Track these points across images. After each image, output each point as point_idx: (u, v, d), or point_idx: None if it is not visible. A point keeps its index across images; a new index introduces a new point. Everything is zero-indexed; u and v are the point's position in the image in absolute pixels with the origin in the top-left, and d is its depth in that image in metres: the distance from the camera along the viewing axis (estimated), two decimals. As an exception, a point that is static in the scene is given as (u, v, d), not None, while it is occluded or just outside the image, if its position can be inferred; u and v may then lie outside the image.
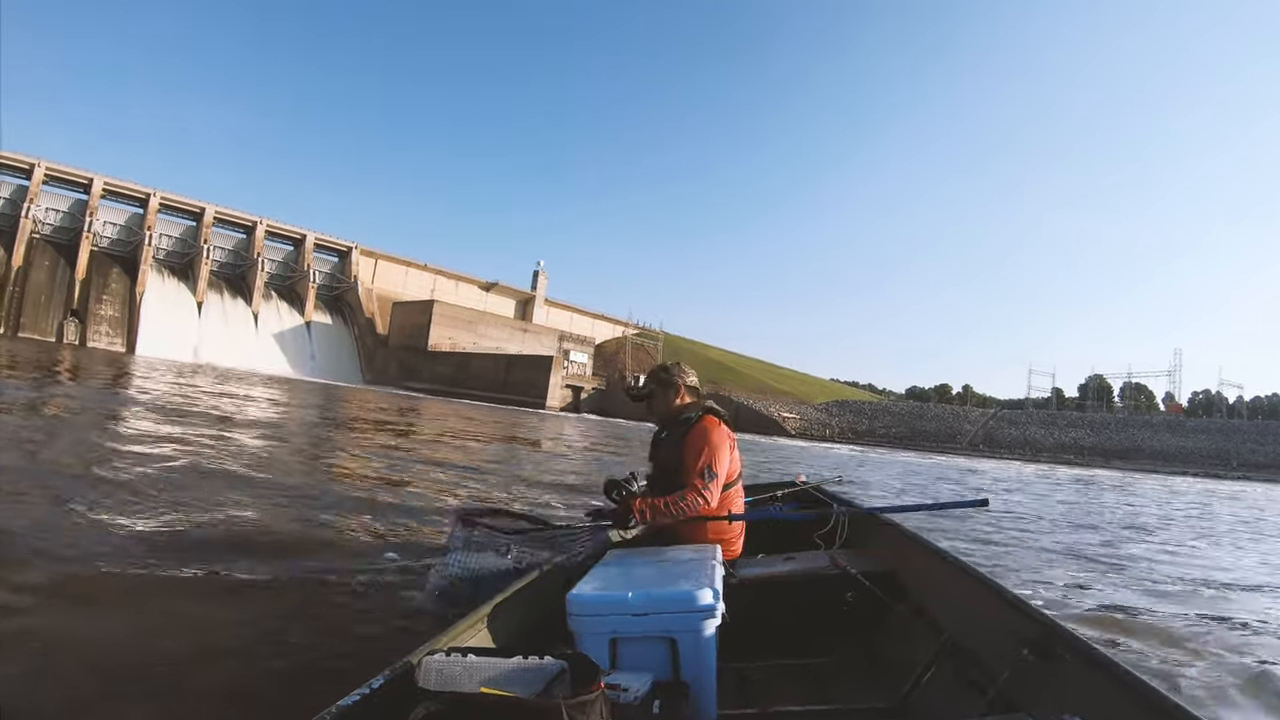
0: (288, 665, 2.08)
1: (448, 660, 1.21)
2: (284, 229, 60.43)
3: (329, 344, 59.05)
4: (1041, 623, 1.47)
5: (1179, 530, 8.79)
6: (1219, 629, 3.51)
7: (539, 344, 60.85)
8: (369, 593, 2.79)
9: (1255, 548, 7.62)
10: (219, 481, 4.83)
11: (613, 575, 1.76)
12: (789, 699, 1.86)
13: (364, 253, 63.60)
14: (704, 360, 77.08)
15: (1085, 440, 56.08)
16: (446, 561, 2.32)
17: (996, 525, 6.91)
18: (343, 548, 3.50)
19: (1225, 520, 11.26)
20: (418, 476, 6.68)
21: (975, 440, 56.82)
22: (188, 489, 4.42)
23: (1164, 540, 7.48)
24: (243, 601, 2.57)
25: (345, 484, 5.59)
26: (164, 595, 2.55)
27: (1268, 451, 51.48)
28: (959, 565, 1.98)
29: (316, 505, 4.49)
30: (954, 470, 21.66)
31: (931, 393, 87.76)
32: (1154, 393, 70.71)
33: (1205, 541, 7.86)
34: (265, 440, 7.88)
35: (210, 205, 56.40)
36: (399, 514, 4.53)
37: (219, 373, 32.58)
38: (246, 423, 9.65)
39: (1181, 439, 55.31)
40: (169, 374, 23.14)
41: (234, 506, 4.12)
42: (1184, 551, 6.73)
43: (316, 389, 30.83)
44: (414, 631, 2.26)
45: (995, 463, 35.26)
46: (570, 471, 8.95)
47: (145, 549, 3.03)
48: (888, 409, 65.67)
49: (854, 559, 2.35)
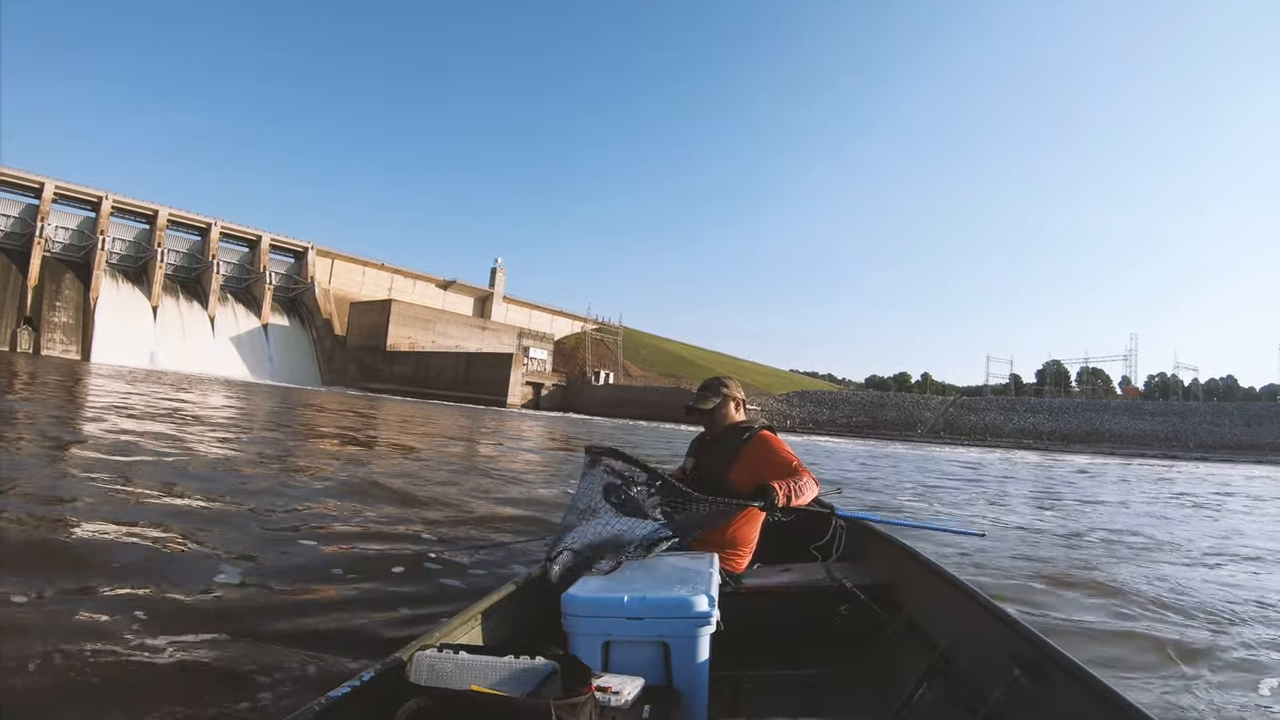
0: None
1: (439, 656, 1.25)
2: (239, 230, 61.31)
3: (287, 346, 60.33)
4: (1035, 643, 1.51)
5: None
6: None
7: (498, 341, 62.28)
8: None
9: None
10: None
11: (608, 577, 1.79)
12: (780, 710, 1.90)
13: (320, 253, 64.77)
14: (663, 353, 79.49)
15: (1045, 425, 58.40)
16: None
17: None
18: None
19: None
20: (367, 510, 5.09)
21: (936, 427, 58.91)
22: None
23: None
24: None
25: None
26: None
27: (1223, 432, 54.35)
28: (955, 582, 2.01)
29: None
30: (952, 463, 20.27)
31: (891, 381, 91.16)
32: (1110, 377, 73.30)
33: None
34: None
35: (164, 207, 57.09)
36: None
37: (174, 379, 32.43)
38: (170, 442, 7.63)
39: (1139, 422, 57.83)
40: (120, 382, 22.33)
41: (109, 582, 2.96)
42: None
43: (274, 393, 30.63)
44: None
45: (981, 451, 35.02)
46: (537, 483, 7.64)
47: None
48: (848, 399, 67.91)
49: (850, 572, 2.40)
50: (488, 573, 3.41)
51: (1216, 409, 61.56)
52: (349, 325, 61.54)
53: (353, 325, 61.16)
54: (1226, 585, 4.53)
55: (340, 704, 1.10)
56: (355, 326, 60.85)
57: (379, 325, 58.10)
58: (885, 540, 2.67)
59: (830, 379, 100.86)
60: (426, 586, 3.14)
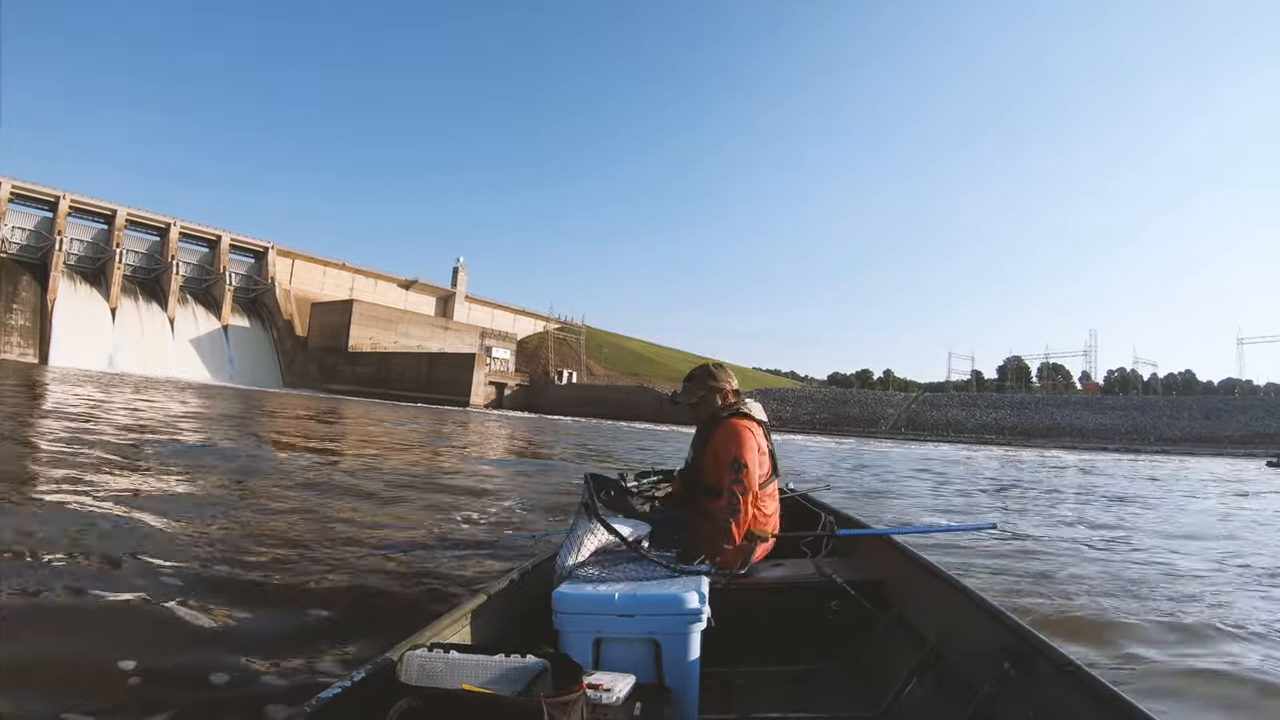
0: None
1: (430, 656, 1.26)
2: (198, 230, 61.41)
3: (247, 348, 60.79)
4: (1024, 636, 1.54)
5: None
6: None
7: (461, 341, 63.15)
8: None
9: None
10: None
11: (599, 575, 1.81)
12: (771, 706, 1.93)
13: (281, 253, 65.10)
14: (626, 352, 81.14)
15: (1007, 420, 59.88)
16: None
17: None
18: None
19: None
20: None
21: (898, 424, 60.25)
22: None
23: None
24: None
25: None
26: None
27: (1182, 425, 55.94)
28: (944, 577, 2.04)
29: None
30: (938, 460, 20.62)
31: (853, 378, 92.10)
32: (1071, 373, 75.35)
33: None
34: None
35: (122, 207, 57.17)
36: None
37: (133, 382, 32.39)
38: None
39: (1100, 416, 59.41)
40: (74, 387, 21.87)
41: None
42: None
43: (235, 396, 30.26)
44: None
45: (950, 447, 35.25)
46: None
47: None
48: (811, 396, 69.33)
49: (840, 567, 2.42)
50: (474, 573, 3.40)
51: (1176, 403, 63.17)
52: (310, 326, 62.02)
53: (314, 326, 61.68)
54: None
55: (331, 704, 1.12)
56: (316, 327, 61.35)
57: (340, 326, 58.66)
58: (875, 536, 2.70)
59: (793, 376, 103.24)
60: (413, 588, 3.14)
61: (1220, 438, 51.84)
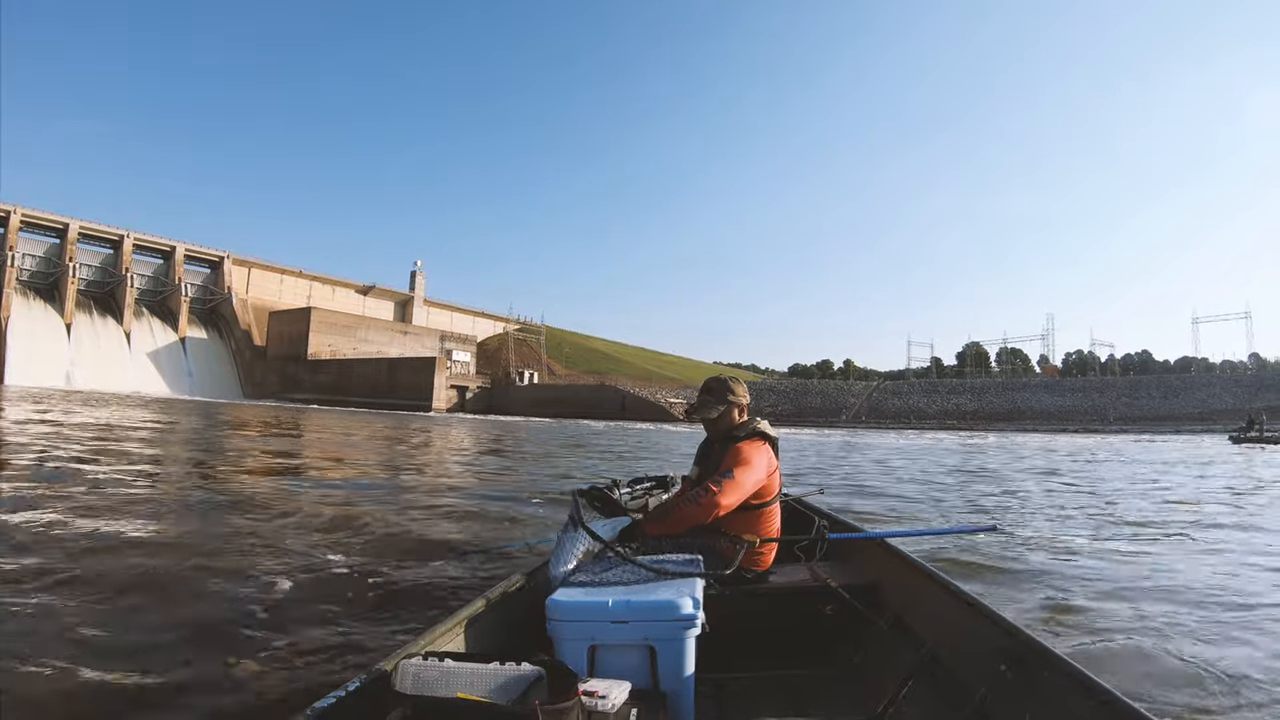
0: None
1: (424, 664, 1.28)
2: (153, 241, 62.15)
3: (206, 360, 61.74)
4: (1020, 639, 1.56)
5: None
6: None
7: (420, 345, 64.29)
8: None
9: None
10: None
11: (593, 581, 1.84)
12: (766, 711, 1.96)
13: (237, 262, 65.86)
14: (587, 350, 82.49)
15: (968, 405, 61.91)
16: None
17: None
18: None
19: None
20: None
21: (860, 413, 62.33)
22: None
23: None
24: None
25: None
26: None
27: (1140, 405, 58.00)
28: (940, 580, 2.07)
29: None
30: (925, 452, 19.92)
31: (814, 369, 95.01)
32: (1029, 356, 78.05)
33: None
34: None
35: (75, 220, 57.74)
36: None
37: (87, 398, 32.85)
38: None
39: (1059, 398, 61.53)
40: (28, 405, 21.73)
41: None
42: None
43: (193, 409, 30.26)
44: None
45: (916, 435, 35.46)
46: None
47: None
48: (772, 388, 71.43)
49: (835, 572, 2.47)
50: (466, 582, 3.46)
51: (1134, 382, 65.30)
52: (269, 335, 62.83)
53: (272, 335, 62.45)
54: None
55: (326, 714, 1.14)
56: (275, 336, 62.12)
57: (299, 334, 59.56)
58: (869, 540, 2.73)
59: (754, 369, 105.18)
60: (407, 597, 3.19)
61: (1179, 415, 53.86)
